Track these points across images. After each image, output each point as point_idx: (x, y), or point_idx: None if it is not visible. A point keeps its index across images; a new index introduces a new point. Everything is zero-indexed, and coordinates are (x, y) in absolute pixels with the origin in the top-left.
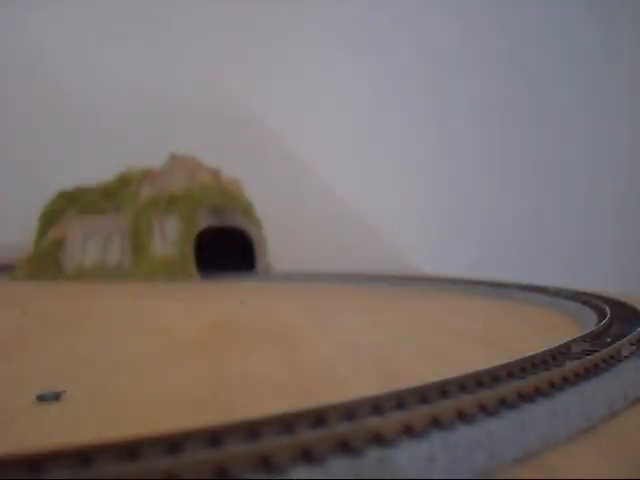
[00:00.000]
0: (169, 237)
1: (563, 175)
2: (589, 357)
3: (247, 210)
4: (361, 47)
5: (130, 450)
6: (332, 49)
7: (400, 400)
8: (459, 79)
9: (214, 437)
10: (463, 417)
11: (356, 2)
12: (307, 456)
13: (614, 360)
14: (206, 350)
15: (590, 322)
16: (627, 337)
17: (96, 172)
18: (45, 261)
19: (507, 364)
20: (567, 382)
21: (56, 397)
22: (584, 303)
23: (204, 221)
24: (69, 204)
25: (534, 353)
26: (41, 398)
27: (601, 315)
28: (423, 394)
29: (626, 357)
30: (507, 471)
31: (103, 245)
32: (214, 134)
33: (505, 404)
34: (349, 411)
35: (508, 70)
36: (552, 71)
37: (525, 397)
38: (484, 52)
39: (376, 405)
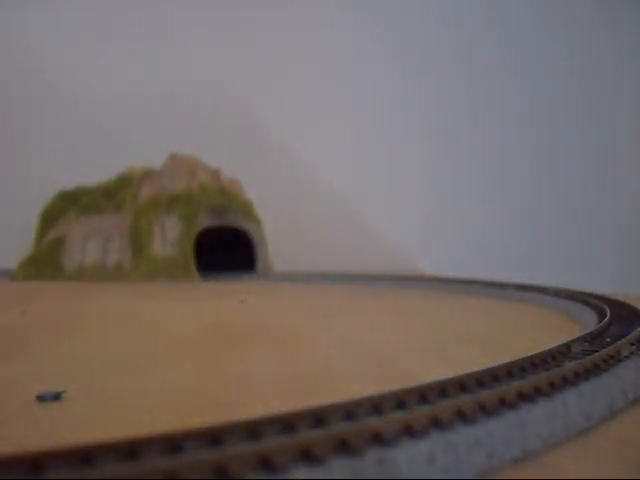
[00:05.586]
0: (169, 237)
1: (562, 175)
2: (589, 357)
3: (247, 210)
4: (362, 47)
5: (130, 450)
6: (333, 49)
7: (400, 400)
8: (456, 79)
9: (214, 437)
10: (463, 417)
11: (357, 2)
12: (307, 456)
13: (614, 360)
14: (206, 350)
15: (590, 322)
16: (627, 337)
17: (96, 172)
18: (45, 261)
19: (507, 364)
20: (567, 382)
21: (56, 397)
22: (584, 303)
23: (204, 221)
24: (69, 204)
25: (534, 353)
26: (41, 398)
27: (601, 315)
28: (423, 394)
29: (626, 357)
30: (507, 471)
31: (103, 245)
32: (214, 134)
33: (505, 404)
34: (349, 411)
35: (505, 71)
36: (550, 72)
37: (525, 397)
38: (482, 54)
39: (376, 405)
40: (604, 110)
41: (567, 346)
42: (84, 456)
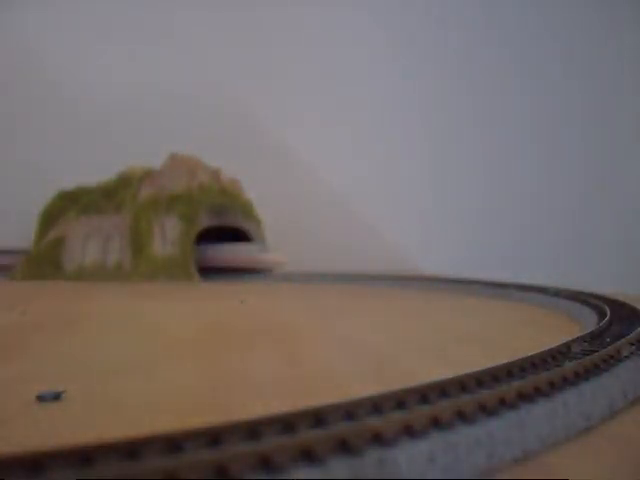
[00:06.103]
0: (169, 237)
1: (562, 175)
2: (589, 357)
3: (247, 210)
4: (362, 47)
5: (130, 450)
6: (333, 49)
7: (400, 400)
8: (456, 79)
9: (214, 437)
10: (463, 417)
11: (357, 2)
12: (307, 456)
13: (614, 360)
14: (206, 350)
15: (590, 322)
16: (627, 337)
17: (96, 172)
18: (45, 261)
19: (507, 364)
20: (567, 382)
21: (56, 397)
22: (584, 303)
23: (204, 221)
24: (69, 204)
25: (534, 353)
26: (41, 398)
27: (601, 315)
28: (423, 394)
29: (626, 357)
30: (507, 471)
31: (103, 245)
32: (214, 134)
33: (505, 404)
34: (349, 411)
35: (505, 71)
36: (550, 72)
37: (525, 397)
38: (482, 54)
39: (376, 405)
40: (604, 110)
41: (567, 346)
42: (84, 456)
